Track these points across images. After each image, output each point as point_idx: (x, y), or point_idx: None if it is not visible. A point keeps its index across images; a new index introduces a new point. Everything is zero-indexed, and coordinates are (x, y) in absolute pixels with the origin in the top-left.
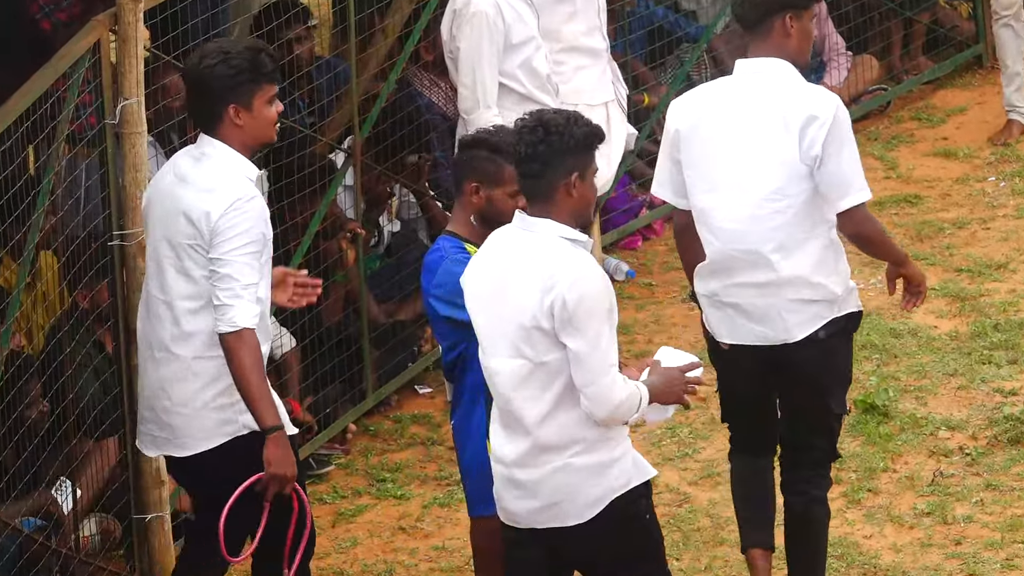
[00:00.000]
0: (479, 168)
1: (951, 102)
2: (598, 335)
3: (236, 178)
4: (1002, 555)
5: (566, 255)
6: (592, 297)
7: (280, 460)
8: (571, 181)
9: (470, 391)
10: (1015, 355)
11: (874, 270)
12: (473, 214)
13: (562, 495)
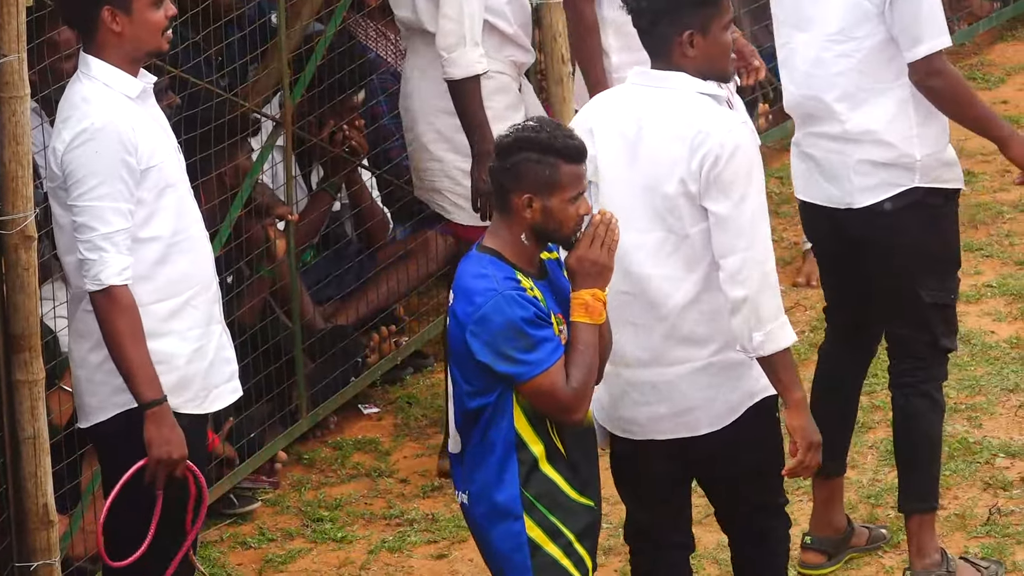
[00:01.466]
0: (529, 175)
1: (1012, 58)
2: (743, 197)
3: (95, 102)
4: None
5: (710, 109)
6: (745, 154)
7: (162, 440)
8: (684, 39)
9: (502, 447)
10: None
11: None
12: (525, 232)
13: (698, 399)
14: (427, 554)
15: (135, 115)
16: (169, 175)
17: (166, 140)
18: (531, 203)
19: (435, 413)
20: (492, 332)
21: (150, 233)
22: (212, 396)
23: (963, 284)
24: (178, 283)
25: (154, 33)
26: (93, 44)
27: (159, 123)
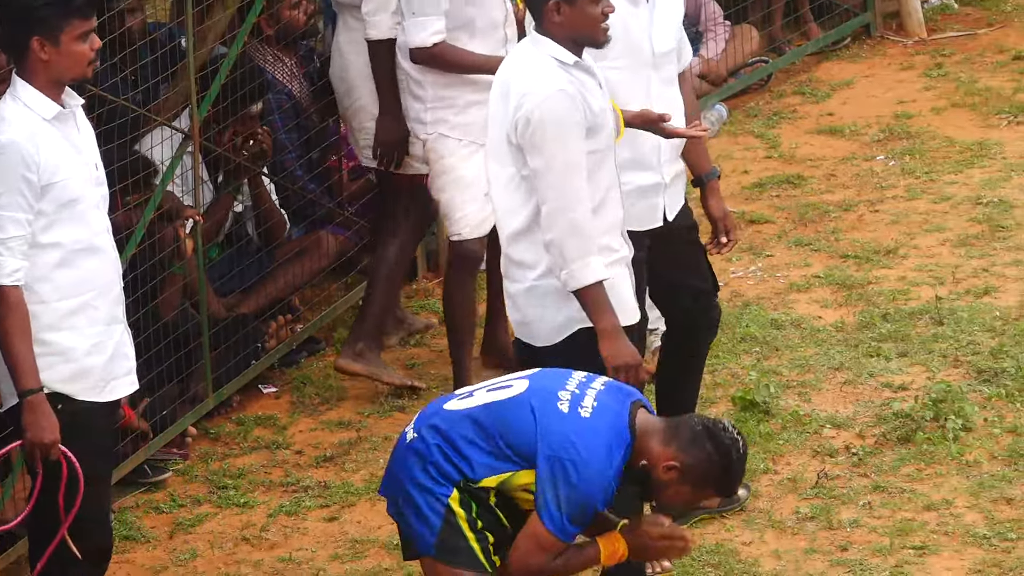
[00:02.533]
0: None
1: (837, 75)
2: (552, 156)
3: (10, 121)
4: (891, 561)
5: (544, 75)
6: (553, 122)
7: (36, 425)
8: (551, 6)
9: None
10: (905, 347)
11: (754, 257)
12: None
13: (531, 315)
14: (320, 517)
15: (46, 135)
16: (73, 190)
17: (75, 158)
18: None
19: (327, 392)
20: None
21: (50, 239)
22: (110, 387)
23: (794, 275)
24: (78, 285)
25: (79, 63)
26: (23, 69)
27: (74, 143)
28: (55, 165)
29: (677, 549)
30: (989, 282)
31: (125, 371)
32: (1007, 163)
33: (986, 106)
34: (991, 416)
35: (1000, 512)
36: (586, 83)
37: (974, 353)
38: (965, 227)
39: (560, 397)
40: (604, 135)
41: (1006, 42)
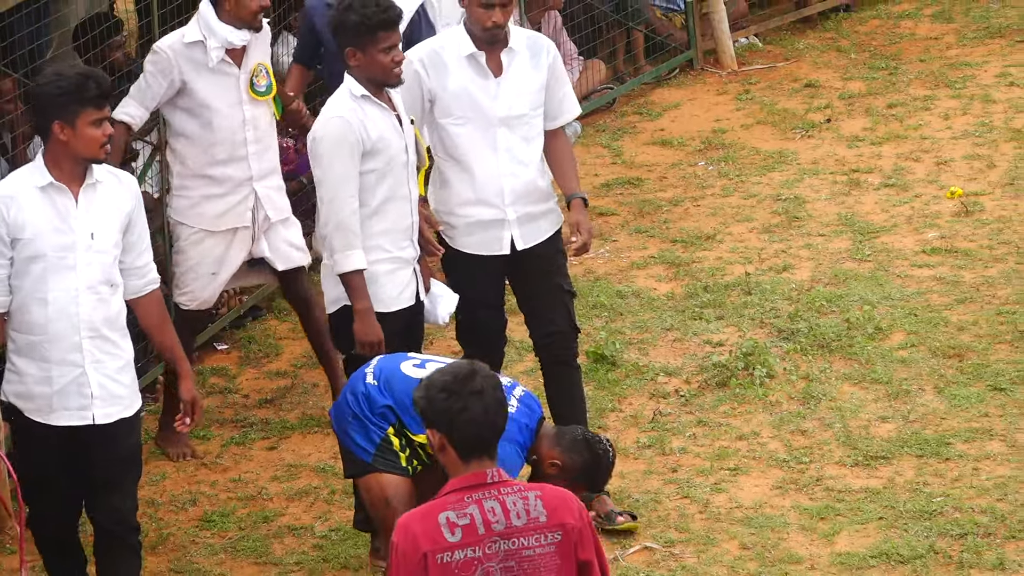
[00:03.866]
0: None
1: (667, 99)
2: (327, 168)
3: (8, 181)
4: (711, 480)
5: (334, 103)
6: (328, 142)
7: None
8: (348, 53)
9: None
10: (722, 312)
11: (603, 242)
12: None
13: (327, 289)
14: (262, 447)
15: (30, 199)
16: (40, 247)
17: (52, 223)
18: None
19: (267, 348)
20: None
21: (15, 283)
22: (55, 415)
23: (634, 255)
24: (32, 325)
25: (92, 146)
26: (46, 146)
27: (60, 210)
28: (23, 223)
29: None
30: (787, 261)
31: (78, 406)
32: (800, 168)
33: (783, 123)
34: (788, 366)
35: (796, 441)
36: (370, 114)
37: (775, 317)
38: (768, 218)
39: None
40: (383, 157)
41: (799, 73)
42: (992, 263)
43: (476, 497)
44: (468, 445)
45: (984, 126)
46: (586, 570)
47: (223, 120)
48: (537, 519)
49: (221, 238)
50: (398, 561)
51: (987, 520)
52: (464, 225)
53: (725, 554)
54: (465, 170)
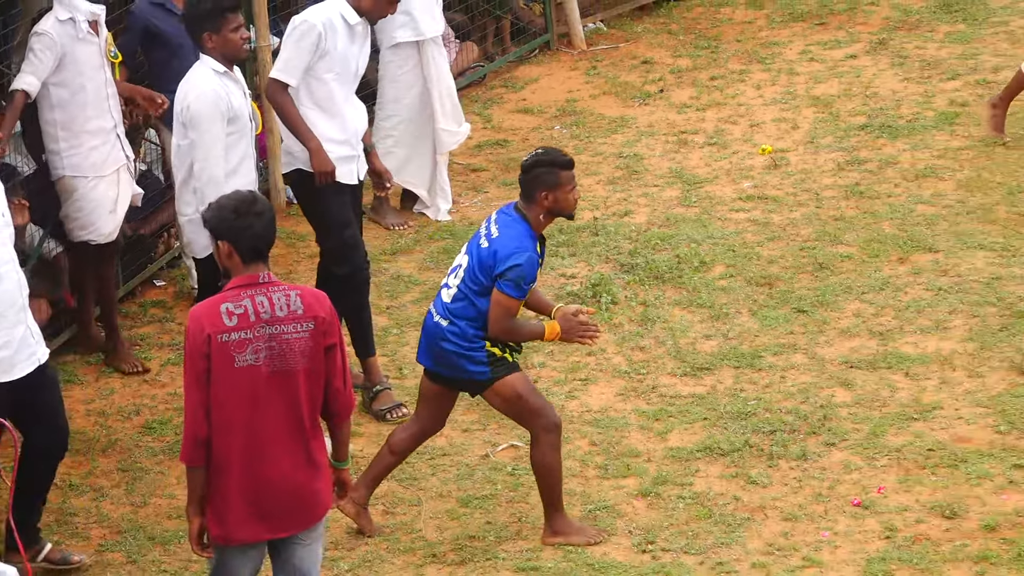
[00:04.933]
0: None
1: (528, 75)
2: (202, 132)
3: None
4: (566, 389)
5: (202, 78)
6: (202, 109)
7: None
8: (206, 37)
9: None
10: (574, 250)
11: (476, 193)
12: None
13: (192, 238)
14: None
15: None
16: None
17: None
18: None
19: None
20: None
21: None
22: (15, 370)
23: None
24: None
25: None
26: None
27: None
28: None
29: (591, 334)
30: (627, 207)
31: (26, 356)
32: (638, 130)
33: (624, 93)
34: (629, 294)
35: (635, 356)
36: (229, 87)
37: (618, 253)
38: (612, 172)
39: (480, 237)
40: (239, 124)
41: (637, 52)
42: (796, 207)
43: (250, 293)
44: (249, 253)
45: (789, 94)
46: (331, 351)
47: (90, 82)
48: (296, 312)
49: (111, 179)
50: (189, 342)
51: (792, 419)
52: (336, 160)
53: (577, 450)
54: (335, 116)
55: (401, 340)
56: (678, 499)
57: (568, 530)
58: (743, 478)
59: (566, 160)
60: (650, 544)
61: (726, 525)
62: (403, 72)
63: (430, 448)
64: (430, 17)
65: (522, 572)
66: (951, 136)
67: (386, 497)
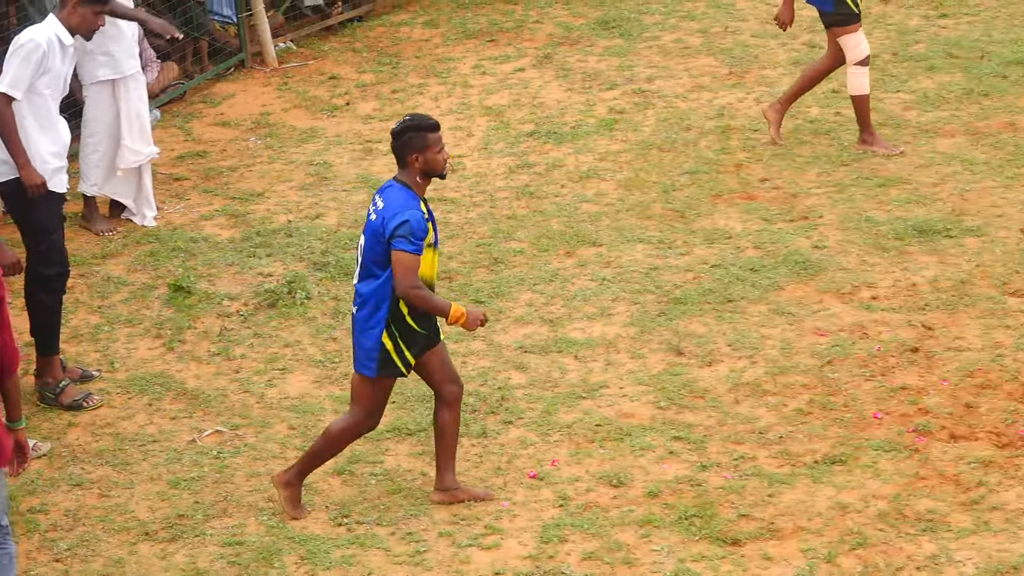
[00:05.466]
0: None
1: (225, 91)
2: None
3: None
4: (266, 378)
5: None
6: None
7: None
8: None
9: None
10: (271, 251)
11: (179, 200)
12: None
13: None
14: None
15: None
16: None
17: None
18: (416, 159)
19: None
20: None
21: None
22: None
23: (202, 210)
24: None
25: None
26: None
27: None
28: None
29: (480, 325)
30: (319, 211)
31: None
32: (327, 140)
33: (314, 107)
34: (322, 290)
35: (329, 347)
36: (68, 52)
37: (311, 253)
38: (303, 178)
39: (369, 215)
40: (52, 89)
41: (325, 68)
42: (472, 208)
43: None
44: None
45: (464, 105)
46: None
47: None
48: None
49: None
50: None
51: (473, 400)
52: (51, 171)
53: (277, 434)
54: (50, 130)
55: (112, 336)
56: (370, 476)
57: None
58: (429, 455)
59: (432, 123)
60: (345, 518)
61: (415, 498)
62: (103, 98)
63: (140, 435)
64: (127, 56)
65: (228, 547)
66: (611, 140)
67: (101, 481)
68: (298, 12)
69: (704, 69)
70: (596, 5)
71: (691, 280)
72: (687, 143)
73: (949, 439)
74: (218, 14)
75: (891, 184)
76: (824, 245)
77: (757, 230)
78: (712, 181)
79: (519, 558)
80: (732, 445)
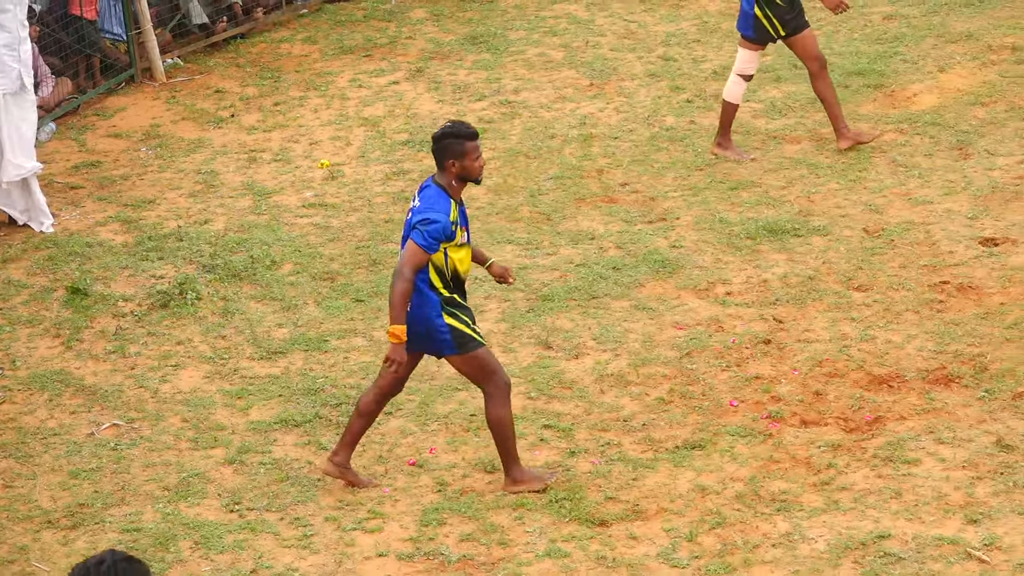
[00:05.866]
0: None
1: (117, 104)
2: None
3: None
4: (159, 374)
5: None
6: None
7: None
8: None
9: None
10: (162, 254)
11: (74, 208)
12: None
13: None
14: None
15: None
16: None
17: None
18: (453, 165)
19: None
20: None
21: None
22: None
23: (97, 216)
24: None
25: None
26: None
27: None
28: None
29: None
30: (207, 216)
31: None
32: (214, 150)
33: (201, 118)
34: (211, 291)
35: (219, 344)
36: None
37: (201, 256)
38: (193, 186)
39: (409, 214)
40: None
41: (210, 83)
42: (352, 212)
43: None
44: None
45: (342, 116)
46: None
47: None
48: None
49: None
50: None
51: (355, 393)
52: None
53: (171, 426)
54: None
55: (13, 336)
56: (260, 465)
57: (525, 478)
58: (315, 445)
59: (471, 132)
60: (237, 504)
61: (302, 486)
62: None
63: (42, 429)
64: (2, 76)
65: (127, 533)
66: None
67: (4, 473)
68: (185, 30)
69: (567, 81)
70: (465, 22)
71: (558, 278)
72: (552, 150)
73: (800, 425)
74: (109, 32)
75: (743, 187)
76: (681, 245)
77: (619, 231)
78: (576, 186)
79: (401, 540)
80: (598, 432)
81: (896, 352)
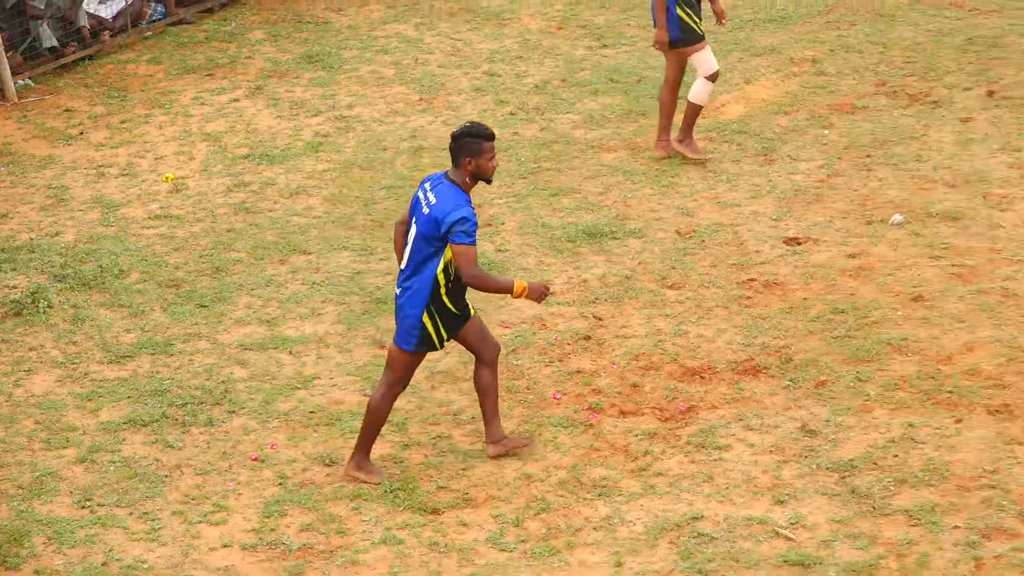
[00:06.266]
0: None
1: None
2: None
3: None
4: (13, 379)
5: None
6: None
7: None
8: None
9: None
10: (15, 265)
11: None
12: (468, 177)
13: None
14: None
15: None
16: None
17: None
18: (469, 163)
19: None
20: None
21: None
22: None
23: None
24: None
25: None
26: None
27: None
28: None
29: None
30: (58, 229)
31: None
32: (64, 166)
33: (52, 136)
34: (63, 300)
35: (69, 349)
36: None
37: (52, 267)
38: (44, 200)
39: (420, 204)
40: None
41: (60, 102)
42: (196, 223)
43: None
44: None
45: (186, 132)
46: None
47: None
48: None
49: None
50: None
51: (200, 393)
52: None
53: (24, 428)
54: None
55: None
56: (110, 463)
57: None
58: (162, 443)
59: (488, 133)
60: (88, 501)
61: (150, 482)
62: None
63: None
64: None
65: None
66: (317, 161)
67: None
68: (35, 52)
69: (398, 96)
70: (301, 42)
71: (391, 282)
72: (384, 162)
73: (619, 415)
74: None
75: (563, 194)
76: (506, 248)
77: None
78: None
79: (244, 531)
80: (430, 426)
81: (707, 345)
